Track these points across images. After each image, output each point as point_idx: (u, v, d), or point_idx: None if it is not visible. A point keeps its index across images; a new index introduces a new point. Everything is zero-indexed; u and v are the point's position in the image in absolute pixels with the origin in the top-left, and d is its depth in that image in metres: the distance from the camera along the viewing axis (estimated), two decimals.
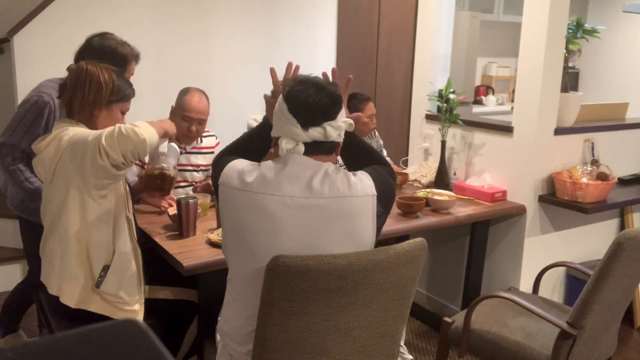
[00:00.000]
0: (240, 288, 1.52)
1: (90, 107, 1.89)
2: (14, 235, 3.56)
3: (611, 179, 2.75)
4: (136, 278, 1.95)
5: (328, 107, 1.45)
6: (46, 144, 1.86)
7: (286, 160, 1.47)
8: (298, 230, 1.41)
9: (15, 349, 0.54)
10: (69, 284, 1.88)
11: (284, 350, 1.40)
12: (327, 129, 1.45)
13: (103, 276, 1.87)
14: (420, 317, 3.19)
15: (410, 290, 1.48)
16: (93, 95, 1.88)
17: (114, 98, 1.91)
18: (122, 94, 1.94)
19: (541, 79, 2.67)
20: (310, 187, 1.42)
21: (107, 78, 1.90)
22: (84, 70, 1.90)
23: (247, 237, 1.44)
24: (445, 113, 2.98)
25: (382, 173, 1.56)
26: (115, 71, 1.95)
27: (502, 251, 2.94)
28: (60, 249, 1.88)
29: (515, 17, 5.15)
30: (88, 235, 1.85)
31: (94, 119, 1.91)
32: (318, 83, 1.49)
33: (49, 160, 1.84)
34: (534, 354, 1.99)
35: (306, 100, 1.44)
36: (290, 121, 1.45)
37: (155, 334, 0.59)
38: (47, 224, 1.93)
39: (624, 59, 5.50)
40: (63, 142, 1.82)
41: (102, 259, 1.87)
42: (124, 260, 1.91)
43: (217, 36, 3.79)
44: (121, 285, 1.90)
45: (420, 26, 3.29)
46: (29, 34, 3.17)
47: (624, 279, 1.87)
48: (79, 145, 1.79)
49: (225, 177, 1.50)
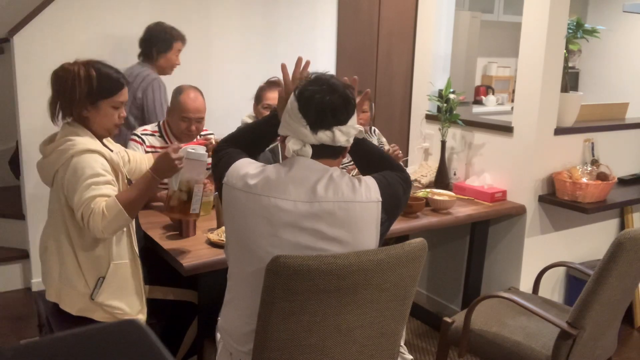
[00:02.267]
0: (241, 287, 1.52)
1: (76, 109, 1.82)
2: (14, 235, 3.56)
3: (611, 179, 2.75)
4: (136, 289, 1.93)
5: (339, 110, 1.43)
6: (50, 150, 1.83)
7: (292, 164, 1.45)
8: (300, 233, 1.41)
9: (15, 349, 0.54)
10: (69, 292, 1.87)
11: (284, 350, 1.40)
12: (336, 133, 1.44)
13: (98, 287, 1.85)
14: (420, 317, 3.19)
15: (410, 290, 1.47)
16: (68, 98, 1.81)
17: (97, 97, 1.82)
18: (105, 90, 1.83)
19: (541, 79, 2.67)
20: (315, 192, 1.41)
21: (83, 76, 1.80)
22: (59, 74, 1.82)
23: (249, 238, 1.44)
24: (445, 113, 2.98)
25: (391, 180, 1.53)
26: (97, 66, 1.84)
27: (502, 251, 2.94)
28: (58, 258, 1.87)
29: (515, 17, 5.15)
30: (80, 247, 1.84)
31: (85, 121, 1.86)
32: (332, 83, 1.45)
33: (50, 169, 1.83)
34: (534, 354, 1.99)
35: (318, 101, 1.42)
36: (299, 121, 1.44)
37: (155, 334, 0.59)
38: (48, 227, 1.93)
39: (624, 59, 5.50)
40: (66, 155, 1.79)
41: (97, 270, 1.86)
42: (121, 272, 1.88)
43: (217, 36, 3.79)
44: (119, 296, 1.88)
45: (420, 26, 3.29)
46: (29, 34, 3.17)
47: (624, 278, 1.87)
48: (73, 178, 1.76)
49: (229, 177, 1.48)
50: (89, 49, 3.31)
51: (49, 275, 1.90)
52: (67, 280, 1.85)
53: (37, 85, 3.20)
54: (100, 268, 1.86)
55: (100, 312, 1.88)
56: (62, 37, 3.25)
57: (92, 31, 3.36)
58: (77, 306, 1.87)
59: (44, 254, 1.93)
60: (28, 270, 3.45)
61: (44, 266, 1.93)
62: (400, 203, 1.54)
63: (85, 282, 1.85)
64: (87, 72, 1.81)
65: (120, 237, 1.88)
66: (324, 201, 1.41)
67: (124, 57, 3.15)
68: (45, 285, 1.95)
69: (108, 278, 1.85)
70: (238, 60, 3.89)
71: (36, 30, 3.18)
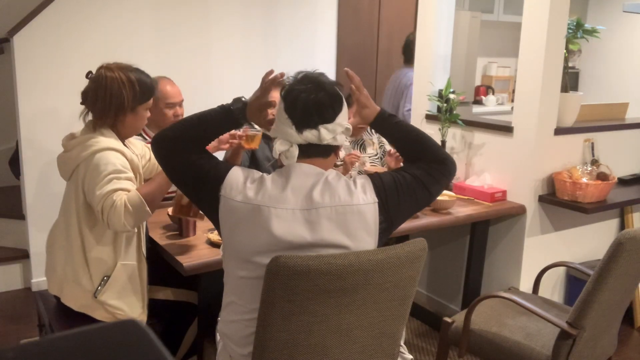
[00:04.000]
0: (239, 292, 1.50)
1: (113, 115, 1.87)
2: (14, 235, 3.56)
3: (611, 179, 2.75)
4: (139, 291, 1.94)
5: (325, 108, 1.43)
6: (74, 144, 1.87)
7: (289, 172, 1.45)
8: (298, 240, 1.40)
9: (15, 349, 0.54)
10: (72, 287, 1.88)
11: (284, 350, 1.40)
12: (321, 131, 1.43)
13: (103, 285, 1.86)
14: (420, 317, 3.19)
15: (410, 290, 1.47)
16: (115, 105, 1.86)
17: (137, 102, 1.90)
18: (144, 96, 1.92)
19: (541, 79, 2.67)
20: (311, 198, 1.41)
21: (128, 88, 1.86)
22: (103, 81, 1.85)
23: (248, 247, 1.43)
24: (445, 113, 2.98)
25: (399, 179, 1.48)
26: (134, 73, 1.90)
27: (502, 251, 2.94)
28: (64, 249, 1.89)
29: (515, 17, 5.14)
30: (91, 244, 1.86)
31: (118, 124, 1.91)
32: (319, 81, 1.45)
33: (71, 162, 1.86)
34: (534, 354, 1.99)
35: (303, 100, 1.41)
36: (285, 122, 1.44)
37: (155, 334, 0.59)
38: (59, 216, 1.95)
39: (624, 59, 5.50)
40: (87, 152, 1.82)
41: (103, 269, 1.87)
42: (126, 273, 1.90)
43: (217, 36, 3.79)
44: (121, 296, 1.89)
45: (420, 26, 3.29)
46: (29, 34, 3.17)
47: (624, 279, 1.87)
48: (94, 173, 1.79)
49: (227, 189, 1.44)
50: (89, 50, 3.31)
51: (54, 268, 1.92)
52: (71, 274, 1.87)
53: (37, 85, 3.21)
54: (107, 267, 1.87)
55: (101, 311, 1.89)
56: (62, 37, 3.25)
57: (92, 31, 3.36)
58: (79, 302, 1.88)
59: (51, 247, 1.95)
60: (28, 270, 3.45)
61: (50, 258, 1.95)
62: (400, 202, 1.48)
63: (90, 279, 1.87)
64: (128, 78, 1.86)
65: (130, 239, 1.91)
66: (321, 207, 1.40)
67: (124, 57, 3.14)
68: (47, 278, 1.96)
69: (113, 277, 1.87)
70: (238, 61, 3.89)
71: (36, 30, 3.18)
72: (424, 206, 1.61)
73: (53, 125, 3.19)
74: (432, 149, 1.57)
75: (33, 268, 3.38)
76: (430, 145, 1.58)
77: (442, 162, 1.56)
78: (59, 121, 3.22)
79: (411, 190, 1.50)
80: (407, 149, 1.60)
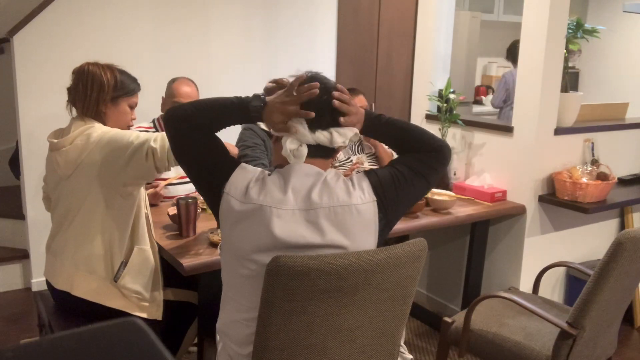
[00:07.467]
0: (238, 292, 1.50)
1: (94, 105, 1.92)
2: (14, 235, 3.56)
3: (611, 179, 2.75)
4: (155, 275, 2.00)
5: (336, 111, 1.44)
6: (72, 138, 1.89)
7: (290, 172, 1.45)
8: (298, 240, 1.40)
9: (15, 349, 0.54)
10: (85, 277, 1.90)
11: (284, 350, 1.40)
12: (333, 134, 1.43)
13: (121, 270, 1.91)
14: (420, 317, 3.19)
15: (410, 290, 1.47)
16: (96, 93, 1.92)
17: (118, 93, 1.95)
18: (126, 88, 1.98)
19: (541, 79, 2.67)
20: (310, 199, 1.41)
21: (109, 76, 1.94)
22: (85, 70, 1.94)
23: (248, 247, 1.43)
24: (445, 113, 2.98)
25: (396, 173, 1.48)
26: (118, 69, 1.99)
27: (502, 251, 2.94)
28: (74, 243, 1.90)
29: (515, 17, 5.14)
30: (111, 230, 1.89)
31: (101, 116, 1.95)
32: (327, 83, 1.46)
33: (75, 154, 1.87)
34: (534, 354, 1.99)
35: (316, 100, 1.42)
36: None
37: (155, 334, 0.59)
38: (58, 218, 1.96)
39: (624, 59, 5.50)
40: (92, 138, 1.86)
41: (122, 253, 1.92)
42: (142, 257, 1.95)
43: (217, 36, 3.79)
44: (138, 280, 1.94)
45: (420, 26, 3.29)
46: (29, 34, 3.17)
47: (624, 279, 1.87)
48: (116, 143, 1.84)
49: (231, 187, 1.44)
50: (89, 50, 3.31)
51: (62, 262, 1.92)
52: (83, 265, 1.90)
53: (37, 85, 3.21)
54: (125, 251, 1.93)
55: (117, 298, 1.92)
56: (62, 37, 3.25)
57: (92, 31, 3.36)
58: (93, 291, 1.90)
59: (56, 245, 1.96)
60: (28, 270, 3.45)
61: (54, 256, 1.96)
62: (399, 197, 1.48)
63: (109, 265, 1.91)
64: (111, 71, 1.96)
65: (142, 222, 1.97)
66: (320, 207, 1.40)
67: (123, 57, 3.14)
68: (52, 275, 1.96)
69: (131, 262, 1.93)
70: (238, 61, 3.88)
71: (36, 30, 3.18)
72: (422, 196, 1.62)
73: (53, 125, 3.17)
74: (428, 141, 1.54)
75: (33, 268, 3.38)
76: (425, 137, 1.55)
77: (438, 151, 1.53)
78: (59, 121, 3.20)
79: (409, 182, 1.49)
80: (403, 146, 1.58)
